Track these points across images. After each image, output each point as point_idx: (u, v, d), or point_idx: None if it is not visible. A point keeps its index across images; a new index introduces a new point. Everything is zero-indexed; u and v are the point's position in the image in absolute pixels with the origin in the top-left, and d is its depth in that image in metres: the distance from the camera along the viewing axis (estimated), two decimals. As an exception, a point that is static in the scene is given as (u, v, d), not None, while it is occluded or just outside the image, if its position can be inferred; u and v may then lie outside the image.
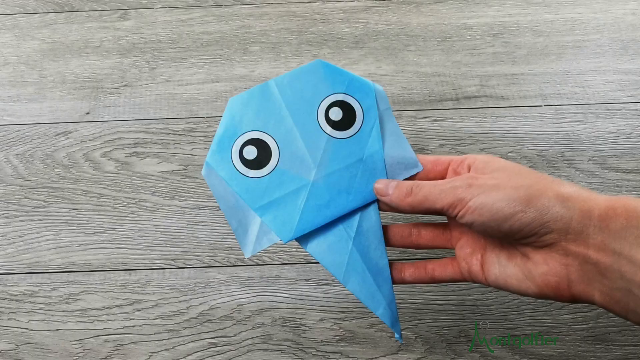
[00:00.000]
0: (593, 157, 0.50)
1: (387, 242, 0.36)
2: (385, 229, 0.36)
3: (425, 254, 0.45)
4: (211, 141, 0.52)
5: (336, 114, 0.35)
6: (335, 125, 0.35)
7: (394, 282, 0.35)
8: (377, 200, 0.35)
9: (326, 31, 0.61)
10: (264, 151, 0.34)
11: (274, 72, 0.57)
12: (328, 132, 0.35)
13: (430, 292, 0.43)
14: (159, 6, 0.64)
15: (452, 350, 0.41)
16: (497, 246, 0.32)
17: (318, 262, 0.45)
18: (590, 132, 0.52)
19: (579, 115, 0.53)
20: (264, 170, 0.34)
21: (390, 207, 0.34)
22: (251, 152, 0.34)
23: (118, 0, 0.64)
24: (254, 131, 0.34)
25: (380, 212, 0.35)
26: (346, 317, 0.42)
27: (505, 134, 0.52)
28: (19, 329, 0.42)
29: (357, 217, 0.35)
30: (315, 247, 0.35)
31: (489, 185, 0.30)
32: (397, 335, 0.35)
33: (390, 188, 0.33)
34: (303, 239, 0.34)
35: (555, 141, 0.51)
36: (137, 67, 0.58)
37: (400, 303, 0.43)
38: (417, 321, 0.42)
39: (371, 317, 0.42)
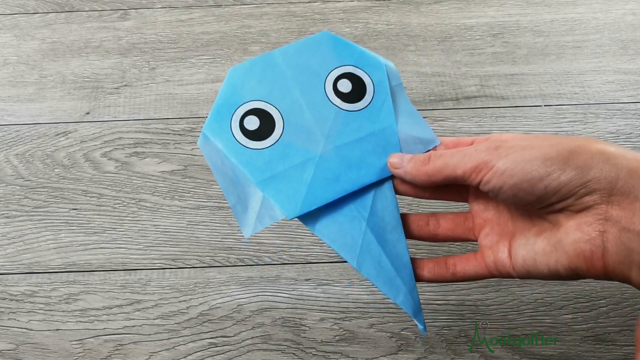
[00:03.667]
0: (593, 157, 0.50)
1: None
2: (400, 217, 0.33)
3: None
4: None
5: (345, 85, 0.33)
6: (345, 97, 0.33)
7: None
8: (392, 179, 0.32)
9: (326, 31, 0.61)
10: (266, 122, 0.32)
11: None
12: (337, 104, 0.32)
13: (430, 292, 0.43)
14: (159, 6, 0.64)
15: (452, 350, 0.41)
16: (527, 226, 0.29)
17: (318, 263, 0.45)
18: (590, 132, 0.52)
19: (579, 115, 0.53)
20: (267, 142, 0.31)
21: (405, 182, 0.32)
22: (253, 122, 0.32)
23: (118, 0, 0.64)
24: (257, 101, 0.32)
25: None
26: (346, 317, 0.42)
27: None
28: (19, 329, 0.42)
29: (370, 196, 0.32)
30: (324, 228, 0.31)
31: (520, 146, 0.27)
32: (420, 326, 0.32)
33: (406, 160, 0.31)
34: (309, 219, 0.31)
35: (555, 141, 0.51)
36: (137, 67, 0.58)
37: (400, 303, 0.43)
38: (417, 321, 0.42)
39: (371, 317, 0.42)
